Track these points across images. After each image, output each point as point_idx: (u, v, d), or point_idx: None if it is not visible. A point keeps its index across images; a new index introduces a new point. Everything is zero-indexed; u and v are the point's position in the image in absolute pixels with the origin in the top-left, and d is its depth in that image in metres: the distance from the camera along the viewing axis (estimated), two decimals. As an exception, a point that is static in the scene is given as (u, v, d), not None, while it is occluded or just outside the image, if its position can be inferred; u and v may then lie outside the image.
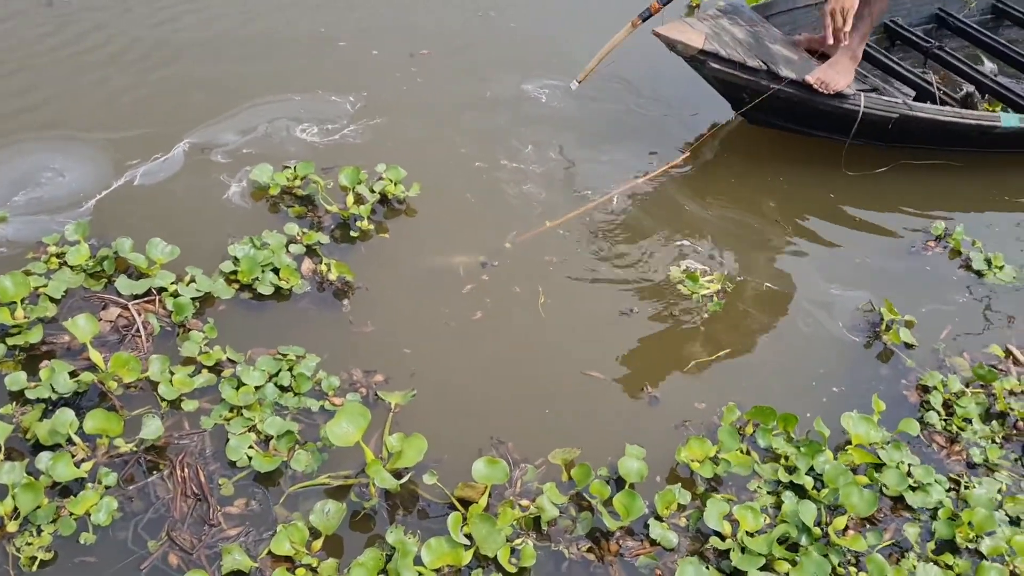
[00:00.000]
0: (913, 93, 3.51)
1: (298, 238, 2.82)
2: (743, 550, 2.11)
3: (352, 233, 2.90)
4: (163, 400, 2.27)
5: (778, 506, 2.25)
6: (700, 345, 2.71)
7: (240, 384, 2.30)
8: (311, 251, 2.81)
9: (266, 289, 2.64)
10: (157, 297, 2.55)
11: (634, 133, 3.54)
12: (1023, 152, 3.59)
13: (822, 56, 3.40)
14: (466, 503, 2.13)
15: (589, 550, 2.13)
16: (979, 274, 3.13)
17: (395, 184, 3.03)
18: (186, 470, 2.11)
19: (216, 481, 2.12)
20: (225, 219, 2.90)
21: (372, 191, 3.00)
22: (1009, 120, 3.28)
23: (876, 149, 3.47)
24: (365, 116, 3.42)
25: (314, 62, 3.74)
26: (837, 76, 3.15)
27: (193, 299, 2.53)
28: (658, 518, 2.19)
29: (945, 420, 2.56)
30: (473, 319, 2.69)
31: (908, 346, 2.79)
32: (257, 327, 2.57)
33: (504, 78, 3.77)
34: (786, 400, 2.53)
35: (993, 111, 3.63)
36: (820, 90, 3.12)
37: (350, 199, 2.96)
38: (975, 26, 4.06)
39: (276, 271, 2.69)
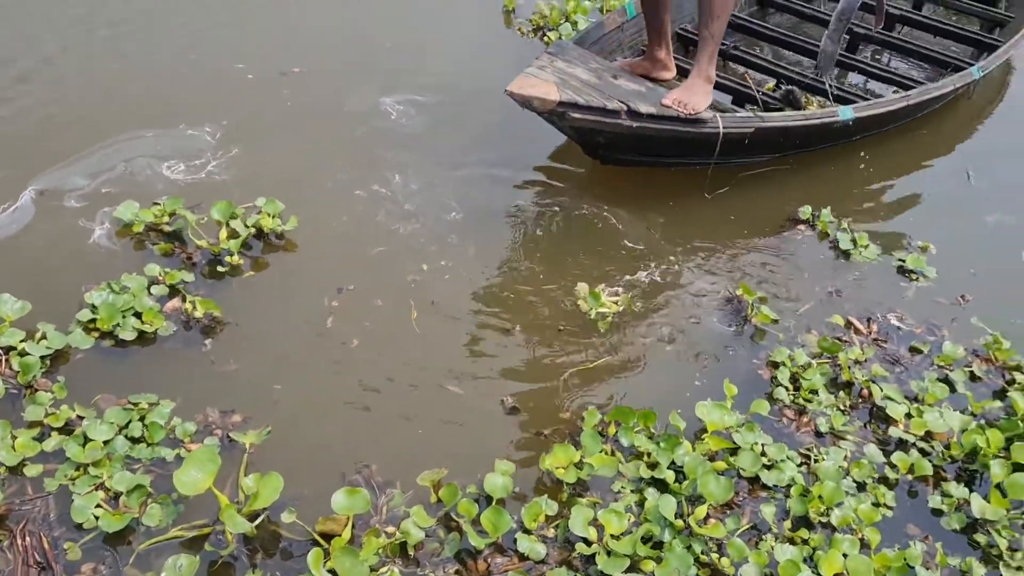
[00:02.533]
0: (730, 97, 3.38)
1: (160, 278, 2.50)
2: (608, 554, 1.90)
3: (220, 269, 2.59)
4: (2, 466, 1.95)
5: (642, 503, 2.04)
6: (583, 356, 2.48)
7: (87, 440, 1.99)
8: (176, 290, 2.50)
9: (128, 335, 2.33)
10: (4, 357, 2.21)
11: (506, 146, 3.25)
12: (849, 141, 3.45)
13: (648, 79, 3.19)
14: (330, 537, 1.87)
15: (457, 572, 1.89)
16: (846, 254, 2.99)
17: (272, 217, 2.73)
18: (28, 538, 1.80)
19: (62, 546, 1.82)
20: (86, 265, 2.56)
21: (246, 225, 2.69)
22: (845, 113, 3.12)
23: (721, 168, 3.21)
24: (236, 145, 3.06)
25: (179, 90, 3.35)
26: (694, 97, 2.86)
27: (43, 356, 2.19)
28: (526, 531, 1.97)
29: (793, 394, 2.40)
30: (346, 346, 2.41)
31: (775, 322, 2.63)
32: (119, 375, 2.25)
33: (380, 98, 3.43)
34: (657, 398, 2.34)
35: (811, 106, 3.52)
36: (680, 112, 2.81)
37: (223, 234, 2.65)
38: (747, 18, 3.94)
39: (139, 315, 2.38)
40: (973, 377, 2.54)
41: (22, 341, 2.22)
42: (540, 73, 2.78)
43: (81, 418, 2.07)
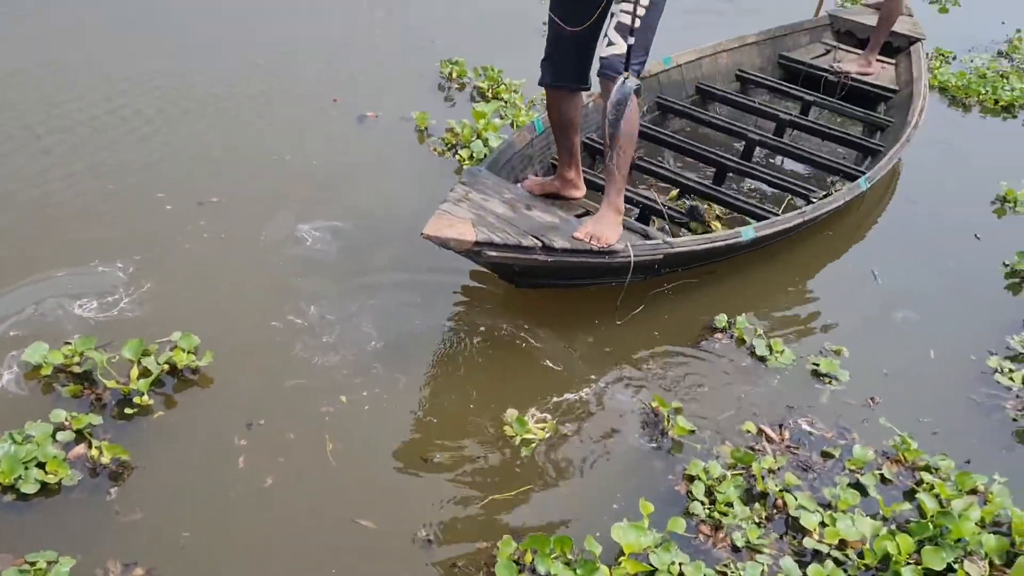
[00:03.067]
0: (636, 211, 3.52)
1: (67, 423, 2.45)
2: None
3: (129, 410, 2.55)
4: None
5: (558, 635, 2.02)
6: (502, 483, 2.47)
7: (-24, 610, 1.91)
8: (83, 435, 2.45)
9: (30, 487, 2.25)
10: None
11: (423, 270, 3.28)
12: (750, 251, 3.60)
13: (559, 197, 3.31)
14: None
15: None
16: (763, 360, 3.07)
17: (186, 353, 2.70)
18: None
19: None
20: (-10, 415, 2.49)
21: (159, 363, 2.67)
22: (747, 233, 3.28)
23: (634, 284, 3.27)
24: (150, 279, 3.05)
25: (94, 225, 3.32)
26: (606, 231, 2.94)
27: (-69, 520, 2.12)
28: (439, 672, 1.92)
29: (709, 508, 2.42)
30: (258, 485, 2.37)
31: (692, 433, 2.66)
32: (19, 531, 2.17)
33: (297, 225, 3.47)
34: (577, 522, 2.35)
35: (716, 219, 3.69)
36: (593, 246, 2.88)
37: (134, 373, 2.62)
38: (649, 125, 4.18)
39: (42, 465, 2.31)
40: (883, 480, 2.61)
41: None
42: (455, 210, 2.83)
43: (-29, 586, 1.98)
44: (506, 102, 4.66)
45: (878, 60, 5.36)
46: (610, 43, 2.84)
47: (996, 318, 3.57)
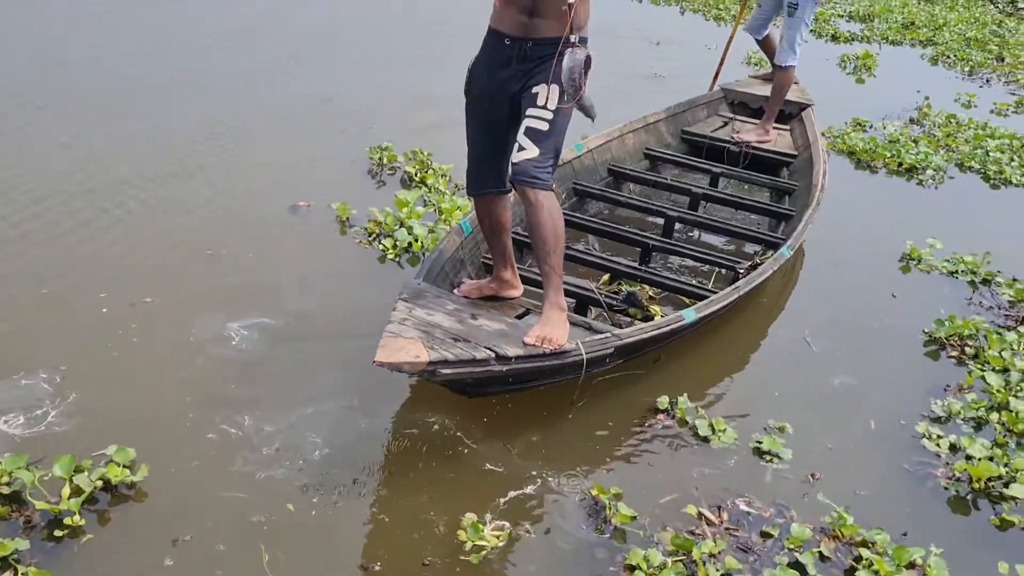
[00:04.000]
0: (573, 302, 3.58)
1: (-9, 552, 2.37)
2: None
3: (58, 532, 2.47)
4: None
5: None
6: None
7: None
8: (8, 563, 2.36)
9: (-49, 623, 2.17)
10: None
11: (361, 372, 3.20)
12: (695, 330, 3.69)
13: (497, 298, 3.35)
14: None
15: None
16: (706, 440, 3.12)
17: (120, 468, 2.64)
18: None
19: None
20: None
21: (91, 479, 2.60)
22: (690, 315, 3.36)
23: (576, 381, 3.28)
24: (77, 390, 2.99)
25: (22, 333, 3.27)
26: (555, 332, 2.93)
27: None
28: None
29: (652, 601, 2.43)
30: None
31: (633, 519, 2.68)
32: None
33: (227, 323, 3.44)
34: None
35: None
36: (544, 349, 2.87)
37: (66, 491, 2.54)
38: (568, 212, 4.28)
39: (-36, 598, 2.23)
40: (822, 557, 2.65)
41: None
42: (403, 330, 2.80)
43: None
44: (430, 188, 4.74)
45: (774, 127, 5.65)
46: (521, 148, 2.85)
47: (923, 379, 3.71)
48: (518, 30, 2.86)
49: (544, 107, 2.80)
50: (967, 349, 3.89)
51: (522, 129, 2.86)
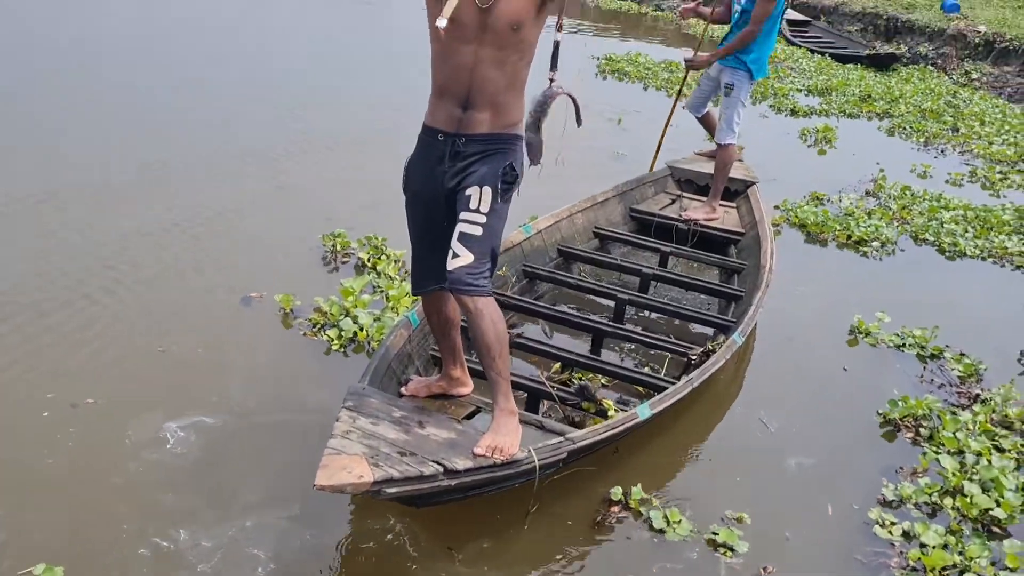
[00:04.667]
0: (524, 395, 3.54)
1: None
2: None
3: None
4: None
5: None
6: None
7: None
8: None
9: None
10: None
11: (302, 473, 3.11)
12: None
13: (447, 396, 3.28)
14: None
15: None
16: (661, 532, 3.08)
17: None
18: None
19: None
20: None
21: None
22: (644, 412, 3.33)
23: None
24: (9, 503, 2.89)
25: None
26: (506, 440, 2.83)
27: None
28: None
29: None
30: None
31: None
32: None
33: (165, 423, 3.34)
34: None
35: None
36: (496, 459, 2.77)
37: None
38: (518, 297, 4.29)
39: None
40: (772, 660, 2.58)
41: None
42: (345, 445, 2.65)
43: None
44: (380, 274, 4.73)
45: (721, 205, 5.73)
46: (455, 255, 2.77)
47: (878, 461, 3.70)
48: (451, 125, 2.81)
49: (477, 211, 2.75)
50: (921, 430, 3.88)
51: (455, 234, 2.79)
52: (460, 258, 2.76)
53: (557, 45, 2.80)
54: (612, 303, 4.49)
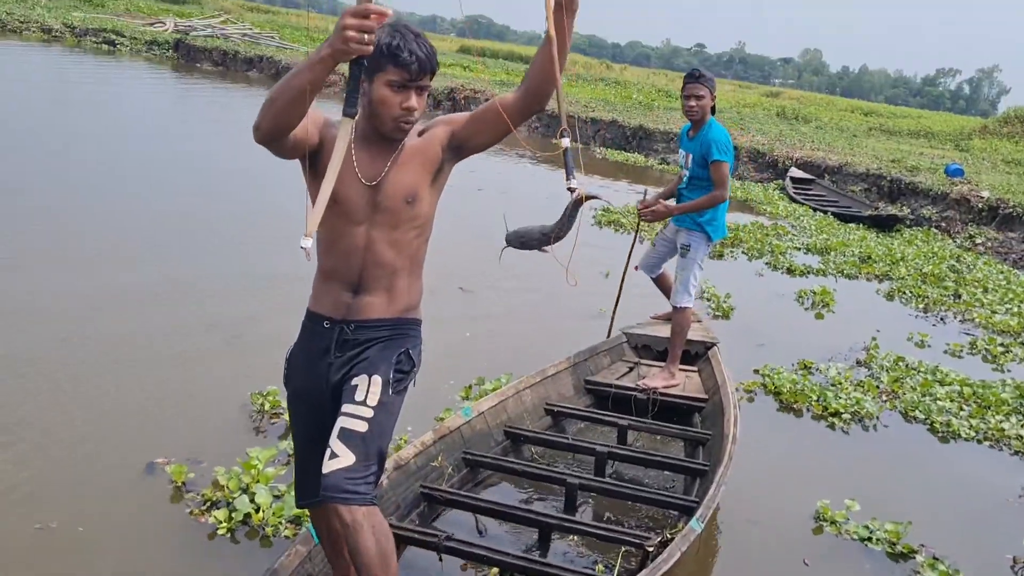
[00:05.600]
0: None
1: None
2: None
3: None
4: None
5: None
6: None
7: None
8: None
9: None
10: None
11: None
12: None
13: None
14: None
15: None
16: None
17: None
18: None
19: None
20: None
21: None
22: None
23: None
24: None
25: None
26: None
27: None
28: None
29: None
30: None
31: None
32: None
33: None
34: None
35: None
36: None
37: None
38: (454, 491, 3.83)
39: None
40: None
41: None
42: None
43: None
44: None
45: (681, 370, 5.35)
46: (333, 455, 2.36)
47: None
48: (339, 311, 2.52)
49: (363, 403, 2.40)
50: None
51: (336, 430, 2.39)
52: (339, 459, 2.34)
53: (567, 152, 2.41)
54: (562, 490, 4.06)
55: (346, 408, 2.42)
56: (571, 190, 2.43)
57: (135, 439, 4.23)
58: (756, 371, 6.39)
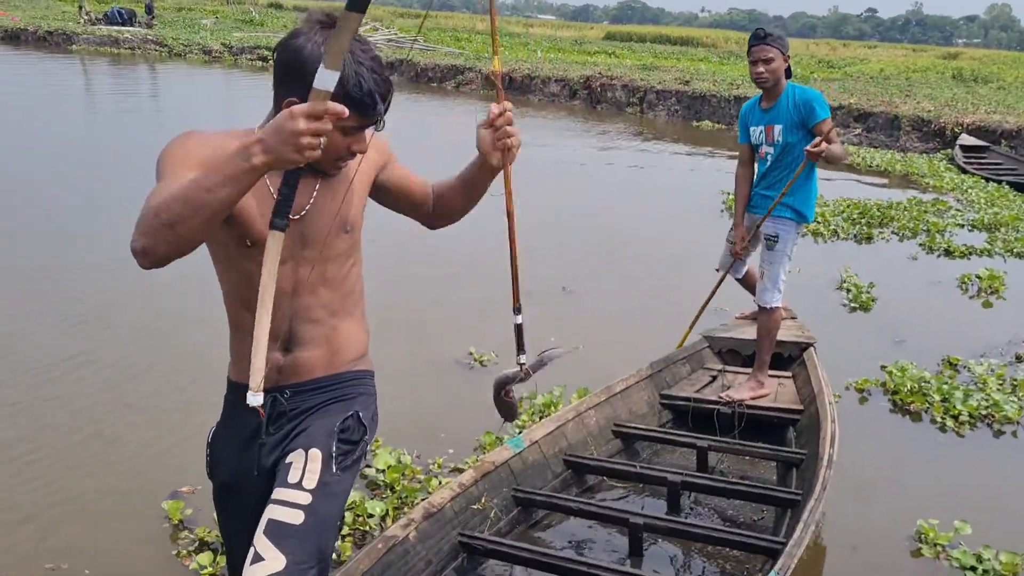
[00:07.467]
0: None
1: None
2: None
3: None
4: None
5: None
6: None
7: None
8: None
9: None
10: None
11: None
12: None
13: None
14: None
15: None
16: None
17: None
18: None
19: None
20: None
21: None
22: None
23: None
24: None
25: None
26: None
27: None
28: None
29: None
30: None
31: None
32: None
33: None
34: None
35: None
36: None
37: None
38: (498, 539, 3.28)
39: None
40: None
41: None
42: None
43: None
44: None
45: (771, 376, 4.64)
46: (257, 558, 1.80)
47: None
48: (269, 377, 1.89)
49: (298, 486, 1.88)
50: None
51: (263, 523, 1.85)
52: (265, 563, 1.78)
53: (519, 329, 2.30)
54: (625, 534, 3.49)
55: (277, 494, 1.89)
56: (520, 365, 2.35)
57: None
58: (882, 367, 5.58)
